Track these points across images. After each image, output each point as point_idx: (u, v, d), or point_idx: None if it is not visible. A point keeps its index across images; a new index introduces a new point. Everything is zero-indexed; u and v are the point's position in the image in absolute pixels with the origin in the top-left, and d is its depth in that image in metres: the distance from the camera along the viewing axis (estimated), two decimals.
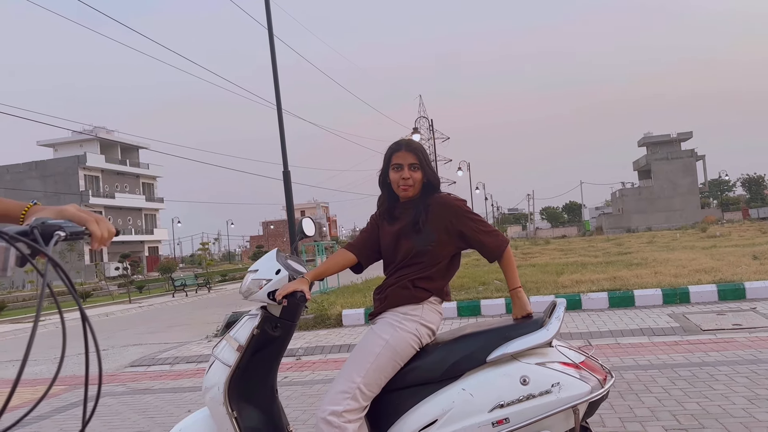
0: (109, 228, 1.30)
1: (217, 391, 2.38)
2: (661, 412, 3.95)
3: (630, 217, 71.13)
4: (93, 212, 1.31)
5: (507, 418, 2.12)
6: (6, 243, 1.04)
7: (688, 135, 74.47)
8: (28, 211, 1.31)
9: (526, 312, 2.36)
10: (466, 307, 8.81)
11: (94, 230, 1.26)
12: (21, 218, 1.34)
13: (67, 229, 1.16)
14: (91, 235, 1.26)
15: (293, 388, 5.69)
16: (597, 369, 2.25)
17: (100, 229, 1.28)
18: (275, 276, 2.43)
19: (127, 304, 23.60)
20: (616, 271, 11.42)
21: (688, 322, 6.94)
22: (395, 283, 2.42)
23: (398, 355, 2.28)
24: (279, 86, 11.22)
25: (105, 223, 1.30)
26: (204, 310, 17.25)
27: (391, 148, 2.53)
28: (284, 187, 11.03)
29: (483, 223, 2.47)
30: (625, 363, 5.41)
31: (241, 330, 2.44)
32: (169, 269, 44.76)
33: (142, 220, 63.33)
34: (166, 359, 8.15)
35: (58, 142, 58.77)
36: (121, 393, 6.30)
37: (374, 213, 2.66)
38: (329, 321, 9.26)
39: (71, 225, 1.20)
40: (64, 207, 1.29)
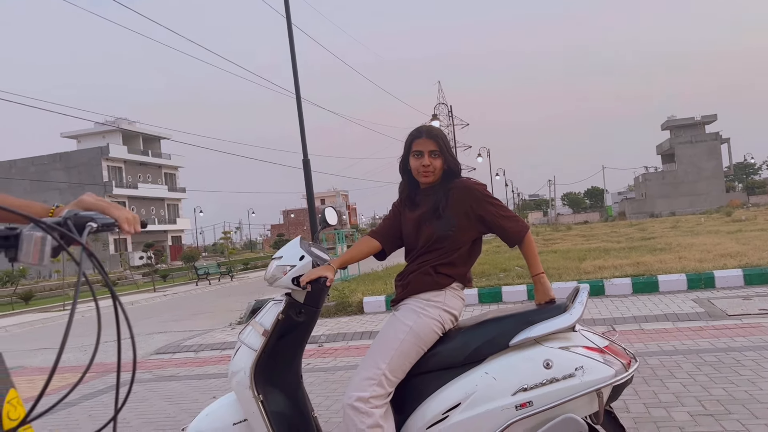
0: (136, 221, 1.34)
1: (243, 375, 2.42)
2: (687, 397, 3.92)
3: (653, 201, 70.22)
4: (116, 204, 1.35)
5: (530, 401, 2.12)
6: (43, 233, 1.07)
7: (712, 118, 73.10)
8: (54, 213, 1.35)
9: (549, 297, 2.36)
10: (487, 294, 8.80)
11: (119, 215, 1.30)
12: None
13: (98, 221, 1.20)
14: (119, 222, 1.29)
15: (316, 375, 5.75)
16: (621, 353, 2.24)
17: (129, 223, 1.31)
18: (299, 262, 2.45)
19: (152, 292, 23.96)
20: (640, 257, 11.31)
21: (713, 307, 6.86)
22: (417, 270, 2.43)
23: (422, 340, 2.29)
24: (297, 75, 11.22)
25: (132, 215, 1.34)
26: (227, 298, 17.46)
27: (411, 135, 2.52)
28: (304, 175, 11.06)
29: (503, 207, 2.47)
30: (649, 349, 5.37)
31: (267, 315, 2.48)
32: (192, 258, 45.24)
33: (165, 209, 64.07)
34: (190, 346, 8.27)
35: (81, 134, 59.57)
36: (148, 380, 6.42)
37: (396, 200, 2.67)
38: (350, 308, 9.32)
39: (102, 216, 1.24)
40: (81, 197, 1.33)
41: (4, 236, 1.09)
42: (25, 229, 1.07)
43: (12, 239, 1.08)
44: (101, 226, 1.22)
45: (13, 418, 1.10)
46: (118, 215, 1.29)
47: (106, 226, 1.24)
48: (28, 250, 1.06)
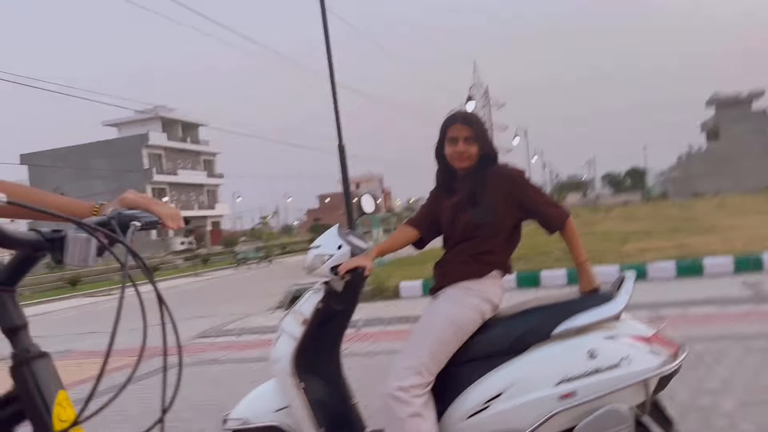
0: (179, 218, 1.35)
1: (284, 363, 2.45)
2: (734, 385, 3.82)
3: (697, 181, 68.22)
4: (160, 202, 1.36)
5: (574, 391, 2.08)
6: (87, 234, 1.08)
7: (760, 93, 70.42)
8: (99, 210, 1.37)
9: (594, 286, 2.31)
10: (525, 278, 8.71)
11: (162, 212, 1.31)
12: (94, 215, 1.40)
13: (142, 219, 1.21)
14: (162, 219, 1.30)
15: (354, 359, 5.78)
16: (668, 342, 2.19)
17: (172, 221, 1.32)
18: (337, 251, 2.46)
19: (193, 276, 24.47)
20: (684, 239, 11.04)
21: (762, 290, 6.65)
22: (456, 258, 2.40)
23: (461, 330, 2.27)
24: (332, 60, 11.21)
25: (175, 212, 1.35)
26: (266, 282, 17.70)
27: (446, 121, 2.48)
28: (340, 160, 11.09)
29: (543, 194, 2.42)
30: (694, 334, 5.23)
31: (306, 304, 2.50)
32: (232, 243, 46.06)
33: (204, 195, 65.16)
34: (232, 330, 8.42)
35: (121, 122, 60.83)
36: (191, 364, 6.56)
37: (434, 187, 2.64)
38: (387, 293, 9.35)
39: (145, 215, 1.25)
40: (123, 195, 1.34)
41: (49, 239, 1.10)
42: (70, 232, 1.09)
43: (57, 242, 1.10)
44: (145, 224, 1.23)
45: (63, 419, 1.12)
46: (161, 212, 1.30)
47: (150, 224, 1.26)
48: (73, 252, 1.08)
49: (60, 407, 1.13)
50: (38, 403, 1.12)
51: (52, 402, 1.12)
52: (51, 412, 1.11)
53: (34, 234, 1.10)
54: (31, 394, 1.12)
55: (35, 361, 1.14)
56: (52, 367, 1.18)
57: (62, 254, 1.09)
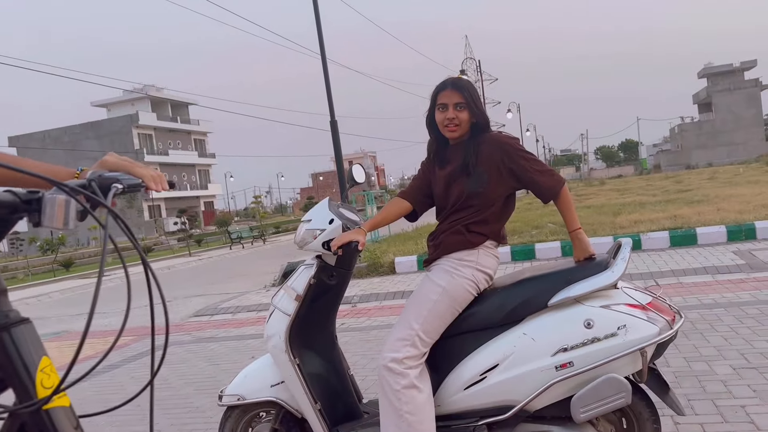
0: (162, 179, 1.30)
1: (278, 339, 2.42)
2: (729, 351, 3.83)
3: (690, 153, 68.36)
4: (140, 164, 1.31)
5: (571, 361, 2.07)
6: (67, 196, 1.04)
7: (752, 63, 70.29)
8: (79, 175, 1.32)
9: (588, 254, 2.28)
10: (520, 252, 8.71)
11: (144, 173, 1.26)
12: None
13: (124, 182, 1.16)
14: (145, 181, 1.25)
15: (351, 334, 5.79)
16: (665, 309, 2.17)
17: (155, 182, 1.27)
18: (329, 226, 2.41)
19: (187, 257, 24.42)
20: (677, 210, 11.05)
21: (754, 258, 6.67)
22: (449, 229, 2.36)
23: (456, 301, 2.25)
24: (322, 35, 11.05)
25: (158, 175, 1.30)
26: (261, 261, 17.69)
27: (437, 88, 2.41)
28: (332, 137, 11.00)
29: (537, 161, 2.36)
30: (688, 302, 5.26)
31: (299, 279, 2.46)
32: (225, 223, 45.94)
33: (196, 175, 64.85)
34: (227, 308, 8.42)
35: (110, 102, 60.22)
36: (188, 342, 6.57)
37: (425, 159, 2.59)
38: (382, 269, 9.35)
39: (127, 177, 1.20)
40: (104, 158, 1.30)
41: (26, 200, 1.06)
42: (47, 193, 1.05)
43: (34, 203, 1.05)
44: (127, 187, 1.18)
45: (47, 386, 1.10)
46: (143, 173, 1.26)
47: (132, 187, 1.21)
48: (51, 213, 1.04)
49: (43, 374, 1.10)
50: (20, 370, 1.09)
51: (35, 369, 1.10)
52: (34, 379, 1.09)
53: (9, 195, 1.05)
54: (12, 360, 1.09)
55: (16, 327, 1.11)
56: (34, 333, 1.14)
57: (40, 216, 1.04)
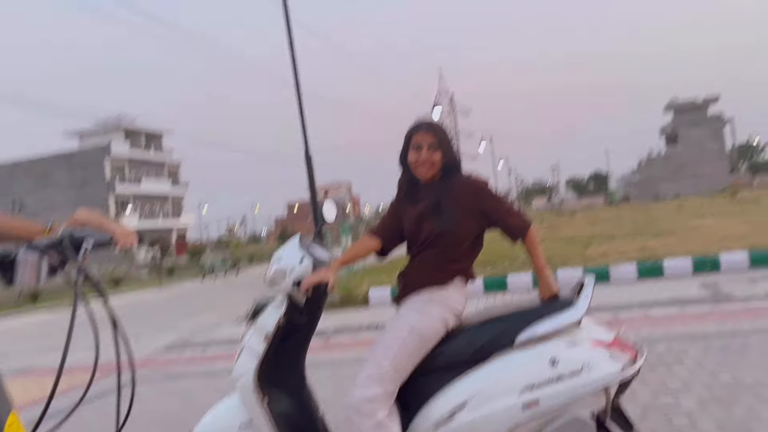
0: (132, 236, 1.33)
1: (247, 379, 2.41)
2: (694, 384, 3.90)
3: (657, 184, 69.93)
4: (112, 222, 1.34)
5: (537, 400, 2.10)
6: (39, 256, 1.06)
7: (715, 98, 72.59)
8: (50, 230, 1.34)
9: (553, 292, 2.33)
10: (492, 283, 8.79)
11: (113, 229, 1.29)
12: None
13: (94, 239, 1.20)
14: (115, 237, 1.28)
15: (323, 370, 5.74)
16: (627, 346, 2.22)
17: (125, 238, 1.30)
18: (299, 265, 2.43)
19: (158, 289, 24.03)
20: (645, 241, 11.29)
21: (719, 291, 6.83)
22: (419, 266, 2.41)
23: (425, 339, 2.28)
24: (297, 68, 11.16)
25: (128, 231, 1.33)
26: (233, 292, 17.49)
27: (411, 129, 2.49)
28: (307, 170, 11.03)
29: (505, 203, 2.44)
30: (655, 335, 5.35)
31: (268, 319, 2.46)
32: (197, 254, 45.34)
33: (169, 205, 64.15)
34: (198, 343, 8.30)
35: (82, 132, 59.58)
36: (156, 378, 6.44)
37: (395, 197, 2.64)
38: (357, 301, 9.34)
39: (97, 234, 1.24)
40: (76, 214, 1.32)
41: None
42: (20, 253, 1.07)
43: (7, 264, 1.08)
44: (97, 243, 1.21)
45: None
46: (113, 229, 1.29)
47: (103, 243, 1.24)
48: (23, 273, 1.07)
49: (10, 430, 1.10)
50: None
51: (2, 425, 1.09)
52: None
53: None
54: None
55: None
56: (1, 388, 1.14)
57: (13, 276, 1.07)
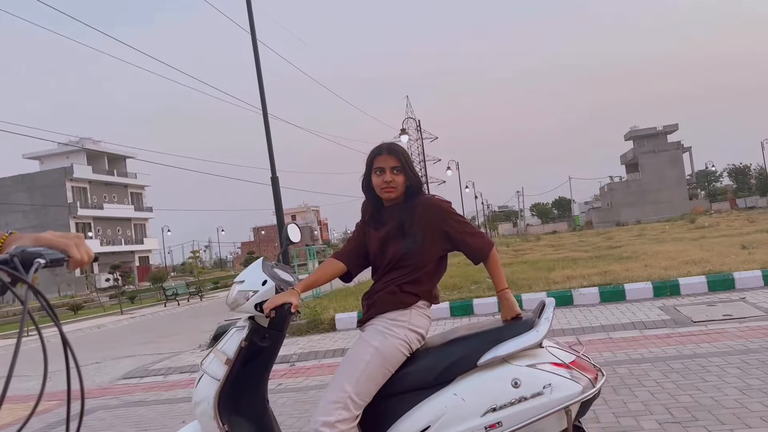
0: (88, 251, 1.30)
1: (207, 405, 2.36)
2: (655, 405, 3.96)
3: (619, 210, 71.56)
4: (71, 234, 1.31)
5: (500, 421, 2.11)
6: None
7: (674, 127, 75.00)
8: (5, 241, 1.31)
9: (515, 313, 2.36)
10: (458, 307, 8.81)
11: (74, 254, 1.26)
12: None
13: (47, 256, 1.17)
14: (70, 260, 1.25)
15: (288, 395, 5.66)
16: (588, 368, 2.25)
17: (80, 253, 1.27)
18: (262, 287, 2.40)
19: (119, 315, 23.44)
20: (607, 266, 11.48)
21: (679, 314, 6.97)
22: (383, 289, 2.41)
23: (388, 362, 2.27)
24: (264, 90, 11.17)
25: (84, 247, 1.30)
26: (196, 318, 17.16)
27: (373, 152, 2.52)
28: (273, 192, 10.99)
29: (468, 224, 2.47)
30: (617, 357, 5.43)
31: (229, 342, 2.42)
32: (160, 279, 44.47)
33: (132, 230, 62.97)
34: (159, 370, 8.09)
35: (44, 155, 58.29)
36: (115, 406, 6.25)
37: (360, 220, 2.65)
38: (323, 326, 9.24)
39: (51, 252, 1.20)
40: (41, 234, 1.29)
41: None
42: None
43: None
44: (49, 261, 1.18)
45: None
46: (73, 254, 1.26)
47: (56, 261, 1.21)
48: None
49: None
50: None
51: None
52: None
53: None
54: None
55: None
56: None
57: None
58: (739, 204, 68.86)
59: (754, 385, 4.10)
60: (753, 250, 11.62)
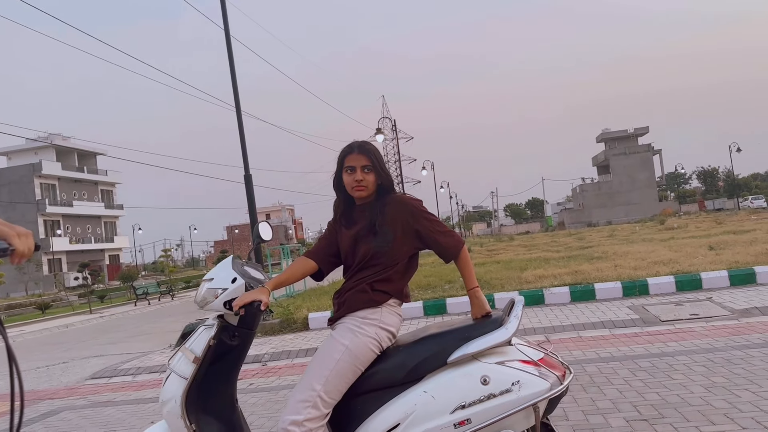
0: (29, 244, 1.27)
1: (174, 405, 2.33)
2: (623, 403, 4.02)
3: (591, 211, 72.56)
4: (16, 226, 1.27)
5: (469, 418, 2.12)
6: None
7: (644, 130, 76.27)
8: None
9: (485, 311, 2.37)
10: (432, 306, 8.84)
11: (17, 245, 1.23)
12: None
13: None
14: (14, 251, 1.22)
15: (259, 395, 5.62)
16: (556, 365, 2.27)
17: (22, 244, 1.24)
18: (231, 285, 2.38)
19: (88, 314, 23.03)
20: (578, 266, 11.61)
21: (647, 313, 7.09)
22: (354, 287, 2.40)
23: (358, 360, 2.26)
24: (237, 86, 11.07)
25: (27, 239, 1.27)
26: (167, 318, 16.94)
27: (343, 151, 2.51)
28: (246, 191, 10.90)
29: (439, 223, 2.47)
30: (587, 356, 5.50)
31: (197, 341, 2.39)
32: (130, 277, 43.81)
33: (102, 228, 61.91)
34: (128, 370, 7.97)
35: (11, 150, 56.98)
36: (82, 406, 6.13)
37: (331, 219, 2.64)
38: (296, 325, 9.19)
39: None
40: None
41: None
42: None
43: None
44: None
45: None
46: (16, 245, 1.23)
47: None
48: None
49: None
50: None
51: None
52: None
53: None
54: None
55: None
56: None
57: None
58: (708, 206, 70.40)
59: (719, 383, 4.19)
60: (720, 251, 11.87)
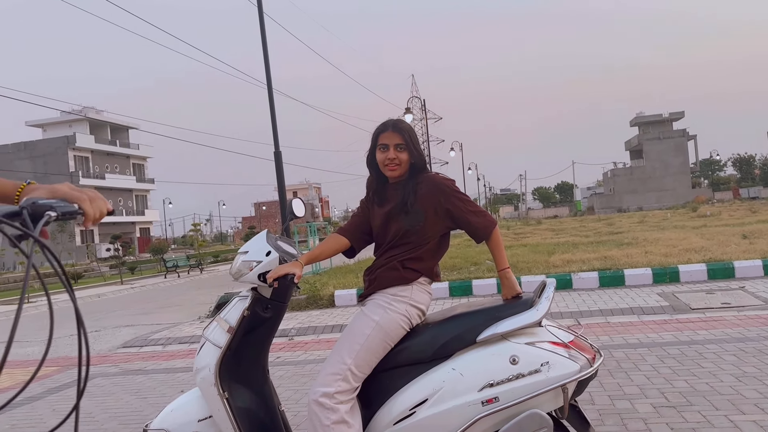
0: (101, 208, 1.27)
1: (208, 372, 2.39)
2: (650, 389, 4.00)
3: (621, 197, 71.43)
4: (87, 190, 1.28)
5: (497, 396, 2.13)
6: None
7: (680, 114, 74.56)
8: (22, 191, 1.28)
9: (516, 292, 2.37)
10: (457, 287, 8.85)
11: (87, 209, 1.22)
12: (16, 198, 1.31)
13: (58, 209, 1.12)
14: (84, 215, 1.22)
15: (286, 368, 5.71)
16: (586, 348, 2.27)
17: (93, 209, 1.24)
18: (265, 258, 2.41)
19: (119, 285, 23.57)
20: (607, 251, 11.49)
21: (677, 301, 7.00)
22: (385, 264, 2.42)
23: (388, 336, 2.29)
24: (269, 66, 11.10)
25: (99, 202, 1.27)
26: (196, 291, 17.26)
27: (378, 129, 2.51)
28: (275, 167, 10.97)
29: (471, 203, 2.46)
30: (614, 341, 5.46)
31: (232, 311, 2.44)
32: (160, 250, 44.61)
33: (133, 201, 63.01)
34: (158, 340, 8.16)
35: (47, 123, 58.14)
36: (114, 374, 6.31)
37: (364, 196, 2.65)
38: (322, 302, 9.29)
39: (63, 204, 1.16)
40: (58, 186, 1.25)
41: None
42: None
43: None
44: (61, 214, 1.13)
45: None
46: (86, 209, 1.22)
47: (67, 214, 1.16)
48: None
49: None
50: None
51: None
52: None
53: None
54: None
55: None
56: None
57: None
58: (742, 194, 68.74)
59: (750, 373, 4.13)
60: (754, 239, 11.62)
